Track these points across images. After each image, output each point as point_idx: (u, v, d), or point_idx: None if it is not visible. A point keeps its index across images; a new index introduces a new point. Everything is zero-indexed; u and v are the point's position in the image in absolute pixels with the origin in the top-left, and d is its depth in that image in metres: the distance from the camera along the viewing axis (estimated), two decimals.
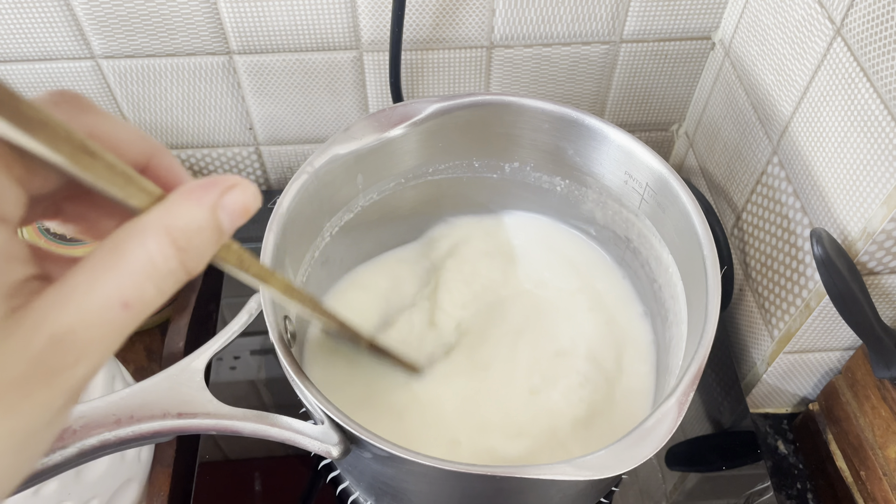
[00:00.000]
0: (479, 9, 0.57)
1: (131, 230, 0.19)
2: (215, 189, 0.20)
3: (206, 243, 0.20)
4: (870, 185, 0.42)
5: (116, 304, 0.18)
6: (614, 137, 0.48)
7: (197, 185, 0.20)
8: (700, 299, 0.42)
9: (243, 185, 0.21)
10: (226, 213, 0.20)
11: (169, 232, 0.19)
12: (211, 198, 0.20)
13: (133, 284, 0.18)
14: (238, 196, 0.20)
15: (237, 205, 0.20)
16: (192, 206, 0.20)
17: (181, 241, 0.19)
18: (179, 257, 0.19)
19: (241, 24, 0.57)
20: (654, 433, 0.35)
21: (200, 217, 0.20)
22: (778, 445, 0.58)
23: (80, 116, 0.20)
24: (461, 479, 0.37)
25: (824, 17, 0.45)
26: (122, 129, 0.21)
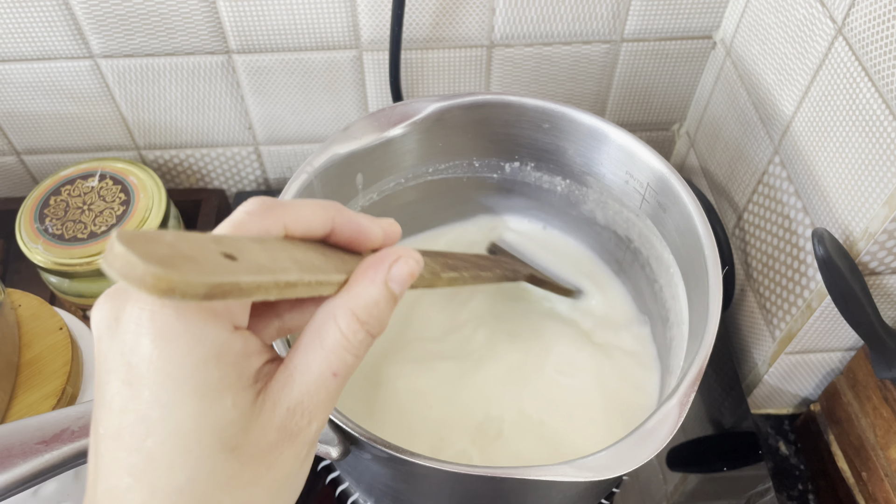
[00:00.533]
0: (479, 8, 0.57)
1: (326, 314, 0.24)
2: (383, 266, 0.25)
3: (383, 312, 0.25)
4: (871, 185, 0.42)
5: (328, 375, 0.24)
6: (615, 137, 0.48)
7: (369, 265, 0.25)
8: (701, 300, 0.42)
9: (405, 257, 0.26)
10: (396, 283, 0.25)
11: (353, 312, 0.24)
12: (381, 275, 0.25)
13: (337, 358, 0.24)
14: (403, 268, 0.25)
15: (403, 274, 0.25)
16: (368, 285, 0.25)
17: (363, 316, 0.24)
18: (364, 329, 0.24)
19: (240, 24, 0.56)
20: (655, 434, 0.35)
21: (376, 293, 0.25)
22: (779, 446, 0.57)
23: (272, 215, 0.24)
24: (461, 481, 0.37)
25: (826, 16, 0.45)
26: (305, 208, 0.25)
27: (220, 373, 0.22)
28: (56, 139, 0.65)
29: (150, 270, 0.17)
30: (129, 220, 0.56)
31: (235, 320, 0.23)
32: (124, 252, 0.17)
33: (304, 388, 0.24)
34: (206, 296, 0.19)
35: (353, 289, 0.25)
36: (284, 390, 0.23)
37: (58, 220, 0.56)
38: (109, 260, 0.18)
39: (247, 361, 0.23)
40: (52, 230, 0.55)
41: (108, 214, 0.56)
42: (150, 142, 0.66)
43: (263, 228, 0.24)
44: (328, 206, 0.26)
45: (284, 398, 0.23)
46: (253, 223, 0.24)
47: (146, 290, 0.18)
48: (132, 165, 0.60)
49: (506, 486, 0.38)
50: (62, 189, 0.58)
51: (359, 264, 0.25)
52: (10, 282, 0.65)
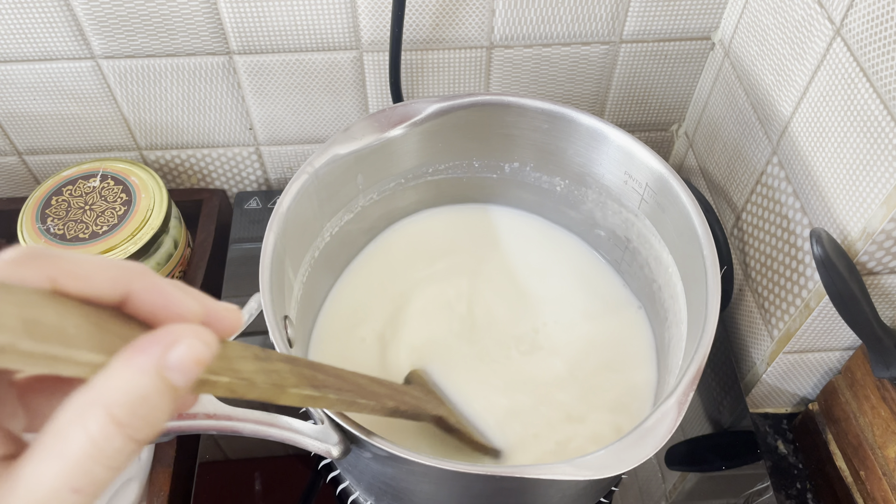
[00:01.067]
0: (479, 9, 0.57)
1: (72, 411, 0.18)
2: (155, 348, 0.19)
3: (154, 410, 0.19)
4: (869, 186, 0.42)
5: (66, 492, 0.18)
6: (614, 137, 0.48)
7: (137, 347, 0.19)
8: (700, 299, 0.42)
9: (190, 337, 0.19)
10: (176, 373, 0.19)
11: (109, 410, 0.18)
12: (151, 360, 0.18)
13: (80, 470, 0.18)
14: (184, 352, 0.19)
15: (186, 361, 0.19)
16: (132, 374, 0.18)
17: (122, 417, 0.18)
18: (124, 433, 0.18)
19: (241, 25, 0.57)
20: (654, 433, 0.35)
21: (142, 385, 0.18)
22: (777, 445, 0.58)
23: (38, 265, 0.19)
24: (461, 479, 0.37)
25: (824, 17, 0.45)
26: (85, 265, 0.19)
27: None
28: (58, 139, 0.65)
29: None
30: (130, 220, 0.56)
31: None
32: None
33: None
34: None
35: (110, 379, 0.18)
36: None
37: (59, 220, 0.56)
38: None
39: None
40: (53, 230, 0.56)
41: (110, 214, 0.57)
42: (151, 142, 0.66)
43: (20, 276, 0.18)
44: (125, 267, 0.20)
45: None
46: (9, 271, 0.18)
47: None
48: (133, 166, 0.60)
49: (505, 484, 0.38)
50: (64, 189, 0.58)
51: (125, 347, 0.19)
52: None
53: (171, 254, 0.59)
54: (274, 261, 0.42)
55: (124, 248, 0.55)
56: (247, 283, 0.61)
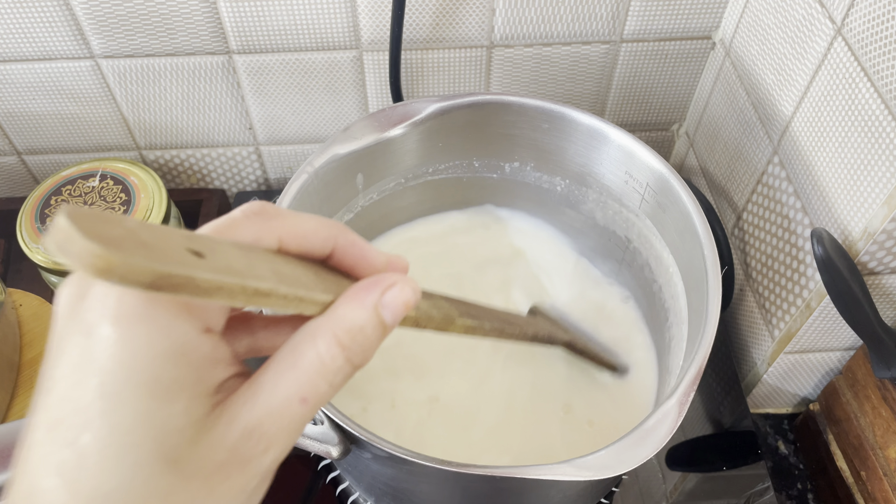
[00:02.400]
0: (479, 8, 0.57)
1: (305, 334, 0.22)
2: (376, 289, 0.23)
3: (369, 340, 0.22)
4: (870, 185, 0.42)
5: (296, 400, 0.21)
6: (614, 137, 0.48)
7: (361, 287, 0.23)
8: (700, 299, 0.42)
9: (402, 283, 0.23)
10: (388, 311, 0.23)
11: (335, 334, 0.22)
12: (372, 298, 0.22)
13: (308, 382, 0.21)
14: (397, 294, 0.23)
15: (397, 302, 0.23)
16: (356, 308, 0.22)
17: (346, 340, 0.22)
18: (345, 355, 0.22)
19: (240, 24, 0.57)
20: (655, 433, 0.35)
21: (363, 317, 0.22)
22: (778, 446, 0.58)
23: (268, 224, 0.22)
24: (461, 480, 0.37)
25: (825, 16, 0.45)
26: (305, 223, 0.23)
27: (178, 372, 0.20)
28: (57, 139, 0.65)
29: (89, 247, 0.16)
30: None
31: (210, 322, 0.21)
32: (66, 226, 0.16)
33: (267, 410, 0.21)
34: (152, 285, 0.17)
35: (338, 310, 0.22)
36: (244, 408, 0.21)
37: None
38: (52, 233, 0.16)
39: (211, 368, 0.21)
40: None
41: None
42: (150, 142, 0.66)
43: (255, 236, 0.22)
44: (332, 226, 0.24)
45: (243, 417, 0.21)
46: (245, 228, 0.22)
47: (82, 266, 0.16)
48: (133, 165, 0.60)
49: (505, 485, 0.38)
50: (63, 189, 0.58)
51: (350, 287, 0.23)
52: (11, 282, 0.65)
53: None
54: None
55: None
56: None
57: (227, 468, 0.21)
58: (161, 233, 0.18)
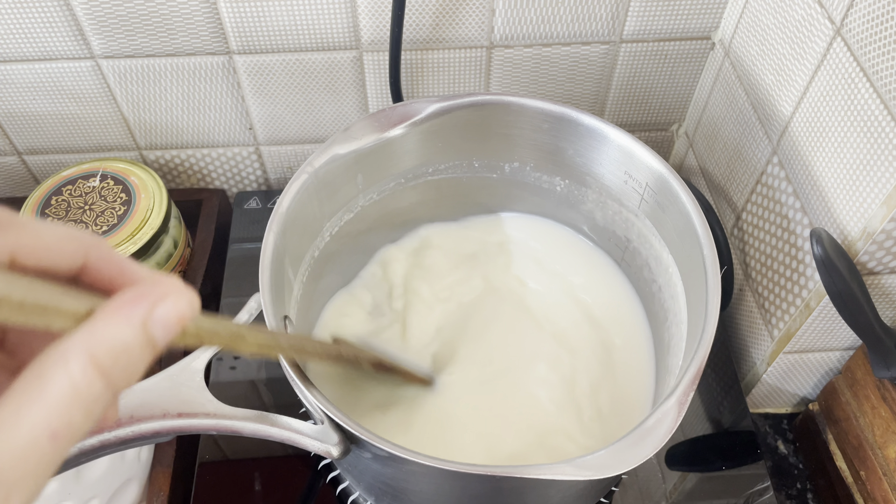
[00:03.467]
0: (478, 9, 0.57)
1: (54, 355, 0.18)
2: (145, 301, 0.19)
3: (134, 362, 0.19)
4: (870, 185, 0.42)
5: (44, 437, 0.18)
6: (614, 137, 0.48)
7: (126, 299, 0.19)
8: (700, 299, 0.42)
9: (176, 294, 0.20)
10: (159, 327, 0.19)
11: (92, 354, 0.18)
12: (140, 313, 0.19)
13: (59, 414, 0.18)
14: (170, 308, 0.19)
15: (170, 317, 0.19)
16: (119, 323, 0.19)
17: (106, 363, 0.18)
18: (105, 380, 0.18)
19: (240, 24, 0.57)
20: (654, 433, 0.35)
21: (128, 335, 0.19)
22: (778, 445, 0.58)
23: (5, 239, 0.19)
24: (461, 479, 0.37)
25: (824, 17, 0.45)
26: (45, 235, 0.20)
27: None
28: (57, 139, 0.65)
29: None
30: (130, 220, 0.56)
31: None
32: None
33: (7, 451, 0.17)
34: None
35: (96, 325, 0.19)
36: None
37: (59, 219, 0.56)
38: None
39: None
40: None
41: (110, 214, 0.57)
42: (151, 142, 0.66)
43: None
44: (81, 238, 0.20)
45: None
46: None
47: None
48: (133, 165, 0.60)
49: (505, 484, 0.38)
50: (63, 189, 0.58)
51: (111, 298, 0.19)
52: None
53: (170, 254, 0.59)
54: (274, 261, 0.42)
55: (124, 248, 0.55)
56: (247, 283, 0.61)
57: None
58: None
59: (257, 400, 0.56)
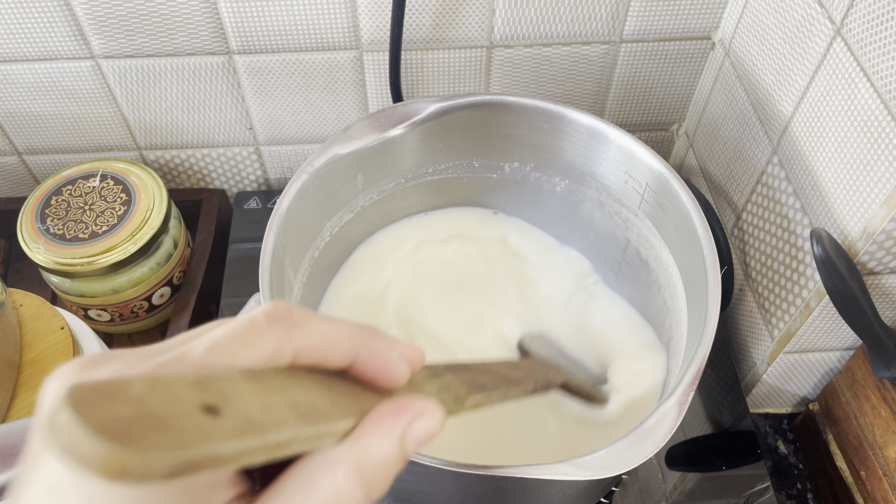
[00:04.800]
0: (479, 9, 0.57)
1: (323, 461, 0.19)
2: (405, 417, 0.21)
3: (390, 472, 0.20)
4: (870, 185, 0.42)
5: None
6: (614, 137, 0.48)
7: (387, 414, 0.20)
8: (700, 299, 0.42)
9: (430, 412, 0.21)
10: (412, 442, 0.21)
11: (358, 467, 0.19)
12: (400, 428, 0.20)
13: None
14: (425, 425, 0.21)
15: (424, 433, 0.21)
16: (382, 438, 0.20)
17: (368, 474, 0.20)
18: (365, 490, 0.20)
19: (240, 24, 0.57)
20: (655, 433, 0.35)
21: (389, 450, 0.20)
22: (778, 445, 0.58)
23: (291, 335, 0.20)
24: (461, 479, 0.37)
25: (824, 16, 0.45)
26: (328, 334, 0.21)
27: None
28: (57, 139, 0.65)
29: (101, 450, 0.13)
30: (130, 220, 0.56)
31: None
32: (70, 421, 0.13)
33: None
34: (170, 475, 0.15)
35: (362, 440, 0.20)
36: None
37: (59, 220, 0.56)
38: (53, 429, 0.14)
39: (210, 495, 0.19)
40: (53, 230, 0.56)
41: (110, 214, 0.57)
42: (151, 142, 0.66)
43: (275, 350, 0.20)
44: (356, 335, 0.22)
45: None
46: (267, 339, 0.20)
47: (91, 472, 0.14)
48: (133, 165, 0.60)
49: (505, 484, 0.38)
50: (63, 189, 0.58)
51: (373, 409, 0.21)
52: (11, 282, 0.65)
53: (170, 254, 0.59)
54: (274, 261, 0.42)
55: (124, 247, 0.55)
56: (246, 283, 0.61)
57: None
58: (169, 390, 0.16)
59: None
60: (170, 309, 0.62)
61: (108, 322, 0.60)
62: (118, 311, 0.59)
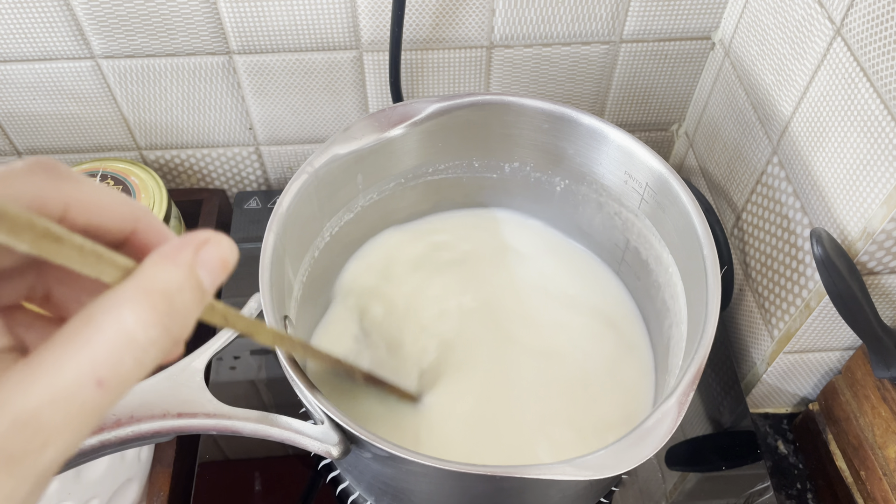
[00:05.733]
0: (479, 9, 0.57)
1: (106, 300, 0.18)
2: (189, 247, 0.19)
3: (189, 304, 0.19)
4: (870, 185, 0.42)
5: (89, 382, 0.17)
6: (614, 137, 0.48)
7: (170, 246, 0.19)
8: (700, 299, 0.42)
9: (216, 239, 0.20)
10: (205, 270, 0.19)
11: (148, 296, 0.18)
12: (187, 256, 0.19)
13: (108, 359, 0.17)
14: (213, 251, 0.20)
15: (215, 260, 0.19)
16: (169, 266, 0.18)
17: (161, 304, 0.18)
18: (162, 323, 0.18)
19: (240, 24, 0.57)
20: (654, 433, 0.35)
21: (179, 277, 0.18)
22: (778, 445, 0.58)
23: (56, 185, 0.19)
24: (461, 479, 0.37)
25: (824, 17, 0.45)
26: (102, 195, 0.20)
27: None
28: (57, 139, 0.65)
29: None
30: None
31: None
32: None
33: (49, 395, 0.16)
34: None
35: (147, 270, 0.18)
36: (16, 393, 0.16)
37: None
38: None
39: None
40: None
41: None
42: (151, 142, 0.66)
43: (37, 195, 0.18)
44: (133, 205, 0.20)
45: (14, 404, 0.16)
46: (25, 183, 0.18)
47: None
48: (133, 165, 0.60)
49: (505, 484, 0.38)
50: None
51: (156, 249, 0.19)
52: None
53: None
54: (274, 261, 0.42)
55: None
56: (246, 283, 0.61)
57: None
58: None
59: (257, 400, 0.56)
60: None
61: None
62: None
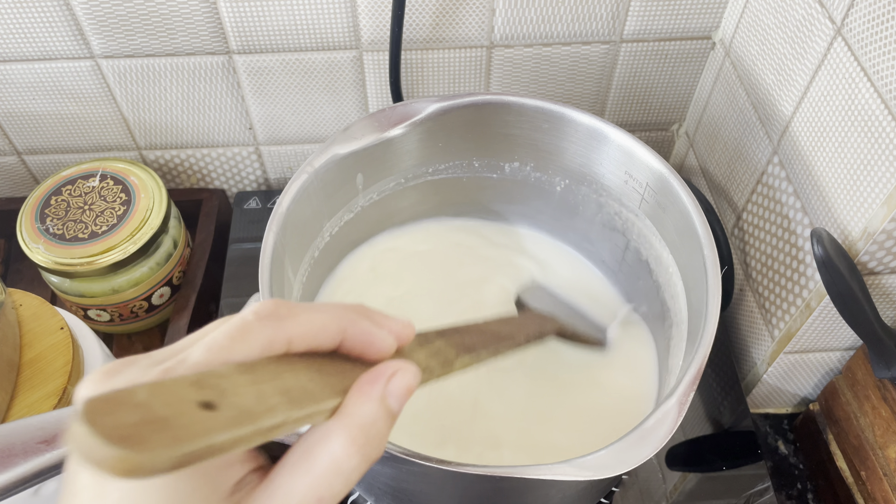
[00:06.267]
0: (479, 9, 0.57)
1: (319, 435, 0.22)
2: (381, 380, 0.23)
3: (381, 432, 0.23)
4: (870, 185, 0.42)
5: (312, 501, 0.21)
6: (614, 137, 0.48)
7: (365, 382, 0.23)
8: (700, 299, 0.42)
9: (403, 370, 0.24)
10: (393, 399, 0.23)
11: (349, 433, 0.22)
12: (378, 390, 0.23)
13: (324, 483, 0.22)
14: (400, 381, 0.24)
15: (401, 389, 0.24)
16: (365, 403, 0.23)
17: (360, 438, 0.22)
18: (361, 452, 0.22)
19: (240, 24, 0.57)
20: (655, 433, 0.35)
21: (373, 411, 0.23)
22: (778, 446, 0.58)
23: (281, 326, 0.22)
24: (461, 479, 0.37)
25: (825, 16, 0.45)
26: (315, 321, 0.23)
27: (192, 485, 0.21)
28: (57, 139, 0.65)
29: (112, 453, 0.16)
30: (129, 220, 0.56)
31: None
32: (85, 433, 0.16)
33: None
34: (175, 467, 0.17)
35: (348, 408, 0.23)
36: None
37: (59, 219, 0.56)
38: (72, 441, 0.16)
39: (225, 472, 0.22)
40: (53, 230, 0.56)
41: (109, 214, 0.57)
42: (150, 142, 0.66)
43: (267, 342, 0.22)
44: (342, 317, 0.24)
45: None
46: (258, 334, 0.22)
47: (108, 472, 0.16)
48: (133, 165, 0.60)
49: (505, 485, 0.38)
50: (63, 189, 0.58)
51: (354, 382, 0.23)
52: (11, 282, 0.65)
53: (170, 254, 0.59)
54: (273, 261, 0.42)
55: (123, 247, 0.55)
56: (246, 283, 0.61)
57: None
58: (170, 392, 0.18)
59: None
60: (169, 309, 0.62)
61: (107, 322, 0.60)
62: (118, 312, 0.59)
